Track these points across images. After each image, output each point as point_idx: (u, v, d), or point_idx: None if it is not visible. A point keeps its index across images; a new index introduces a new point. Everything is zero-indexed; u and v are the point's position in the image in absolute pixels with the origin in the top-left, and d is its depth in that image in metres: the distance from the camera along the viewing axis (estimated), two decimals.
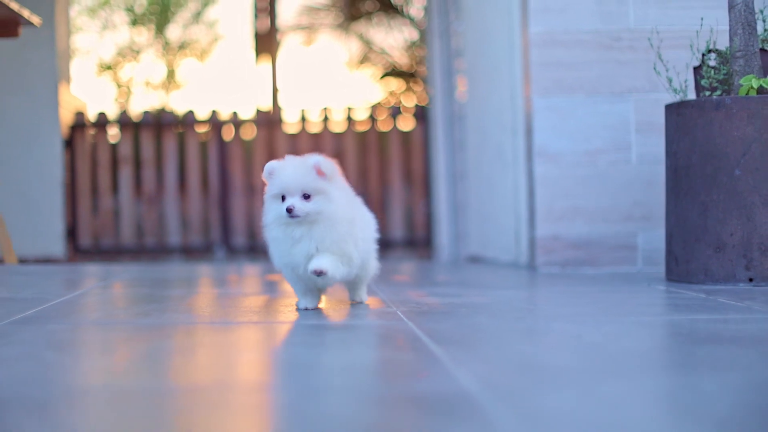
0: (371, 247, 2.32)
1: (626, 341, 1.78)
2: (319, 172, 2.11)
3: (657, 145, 3.38)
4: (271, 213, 2.16)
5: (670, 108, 2.96)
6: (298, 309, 2.26)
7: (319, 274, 2.10)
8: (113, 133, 7.18)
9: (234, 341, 1.81)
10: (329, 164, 2.13)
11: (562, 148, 3.57)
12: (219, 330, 1.96)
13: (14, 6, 4.67)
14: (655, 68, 3.13)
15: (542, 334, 1.92)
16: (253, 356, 1.66)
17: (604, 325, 2.00)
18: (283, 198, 2.12)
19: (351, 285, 2.40)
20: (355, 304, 2.40)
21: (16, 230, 5.64)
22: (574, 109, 3.56)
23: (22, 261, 5.40)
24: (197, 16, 13.62)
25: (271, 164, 2.16)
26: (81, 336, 1.90)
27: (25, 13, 4.78)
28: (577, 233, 3.55)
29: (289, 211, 2.08)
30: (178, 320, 2.12)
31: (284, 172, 2.12)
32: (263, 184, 2.19)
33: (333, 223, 2.11)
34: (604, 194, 3.54)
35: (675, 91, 2.97)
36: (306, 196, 2.10)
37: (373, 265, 2.38)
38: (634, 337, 1.84)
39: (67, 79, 7.16)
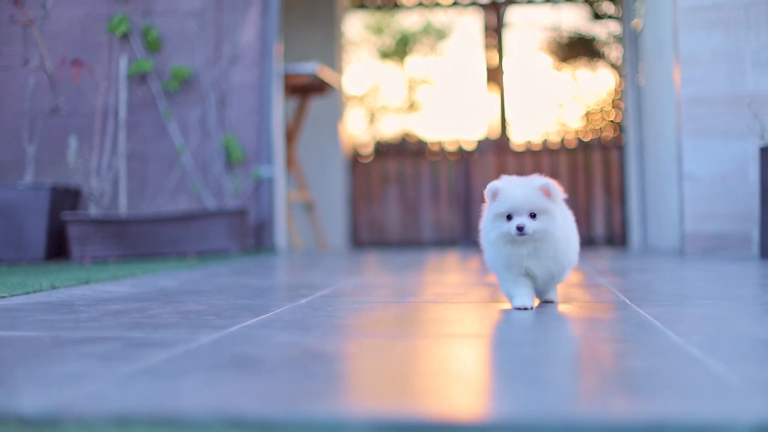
0: (575, 251, 2.32)
1: (707, 274, 3.65)
2: (546, 193, 2.15)
3: None
4: (495, 231, 2.19)
5: (762, 150, 4.72)
6: (514, 308, 2.26)
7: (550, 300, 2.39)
8: (382, 158, 9.48)
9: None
10: (555, 186, 2.17)
11: (703, 173, 5.36)
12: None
13: (329, 77, 6.92)
14: (747, 126, 4.89)
15: (658, 270, 3.84)
16: None
17: (702, 272, 3.88)
18: (509, 217, 2.15)
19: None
20: (546, 303, 2.42)
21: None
22: (710, 146, 5.34)
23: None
24: (433, 49, 15.91)
25: (494, 185, 2.19)
26: (426, 273, 4.02)
27: (331, 79, 7.00)
28: (713, 230, 5.33)
29: (519, 229, 2.12)
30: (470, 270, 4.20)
31: (513, 193, 2.14)
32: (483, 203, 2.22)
33: (556, 243, 2.17)
34: (730, 204, 5.29)
35: (762, 138, 4.73)
36: (532, 216, 2.14)
37: (569, 271, 2.34)
38: (714, 274, 3.70)
39: (343, 117, 9.43)
